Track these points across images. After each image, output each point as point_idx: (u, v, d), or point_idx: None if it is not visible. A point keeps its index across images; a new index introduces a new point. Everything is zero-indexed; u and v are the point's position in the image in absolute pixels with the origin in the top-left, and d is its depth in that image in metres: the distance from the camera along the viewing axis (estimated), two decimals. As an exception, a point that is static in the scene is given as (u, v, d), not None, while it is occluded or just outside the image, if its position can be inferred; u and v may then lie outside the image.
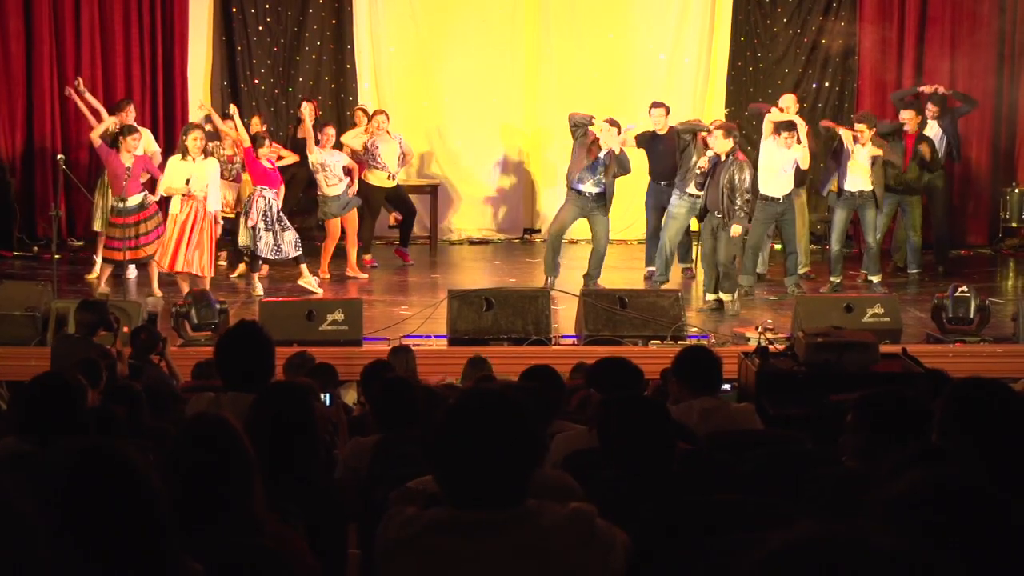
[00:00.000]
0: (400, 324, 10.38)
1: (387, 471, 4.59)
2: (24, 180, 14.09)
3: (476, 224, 15.37)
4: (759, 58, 15.24)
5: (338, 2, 14.83)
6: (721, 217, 10.99)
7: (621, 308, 9.98)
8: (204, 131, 11.54)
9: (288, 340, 8.87)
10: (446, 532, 2.70)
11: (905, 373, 7.47)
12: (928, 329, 10.34)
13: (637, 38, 15.19)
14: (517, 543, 2.68)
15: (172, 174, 11.20)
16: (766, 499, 3.90)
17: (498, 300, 9.95)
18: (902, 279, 12.86)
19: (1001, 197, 14.62)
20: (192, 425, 3.27)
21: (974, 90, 14.36)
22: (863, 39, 14.89)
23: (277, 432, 3.81)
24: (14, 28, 13.89)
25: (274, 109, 14.74)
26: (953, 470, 2.35)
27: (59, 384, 4.42)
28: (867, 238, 12.18)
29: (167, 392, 6.66)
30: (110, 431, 4.61)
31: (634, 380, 5.48)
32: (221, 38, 14.71)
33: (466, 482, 2.73)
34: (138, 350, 8.02)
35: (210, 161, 11.36)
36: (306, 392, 4.17)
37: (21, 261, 13.45)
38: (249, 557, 2.89)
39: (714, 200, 11.04)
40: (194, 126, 11.67)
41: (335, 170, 12.36)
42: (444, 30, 15.04)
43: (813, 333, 7.89)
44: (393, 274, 13.16)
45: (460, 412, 2.78)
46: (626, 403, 4.19)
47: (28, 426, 4.28)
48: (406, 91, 15.10)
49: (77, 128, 13.91)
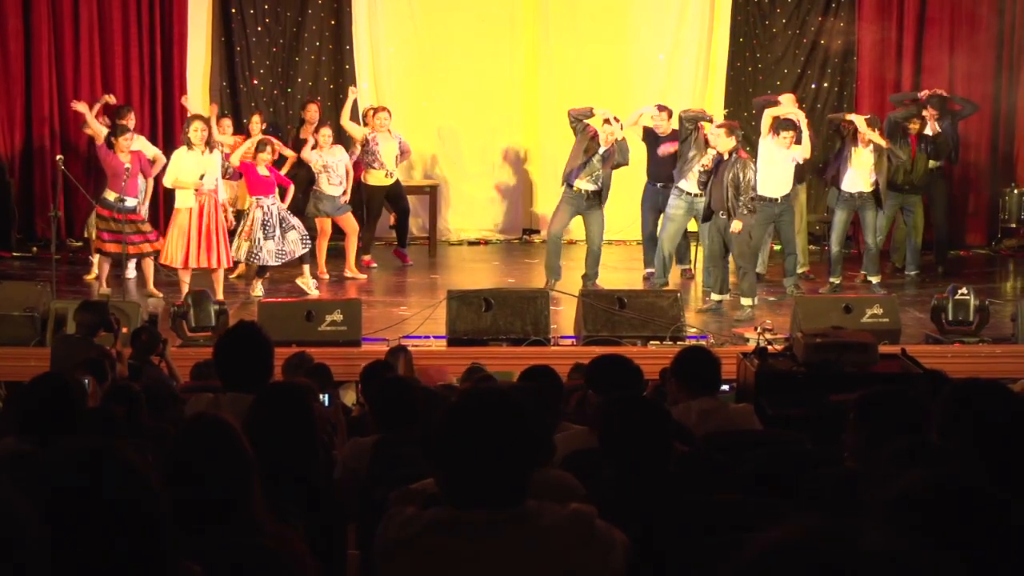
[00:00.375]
0: (399, 325, 10.38)
1: (386, 471, 4.59)
2: (23, 181, 14.09)
3: (475, 225, 15.36)
4: (758, 58, 15.24)
5: (337, 2, 14.83)
6: (725, 216, 10.96)
7: (620, 309, 9.99)
8: (205, 121, 11.49)
9: (287, 341, 8.87)
10: (446, 532, 2.70)
11: (904, 374, 7.46)
12: (927, 330, 10.34)
13: (636, 38, 15.18)
14: (517, 544, 2.68)
15: (179, 166, 11.14)
16: (766, 499, 3.91)
17: (497, 301, 9.95)
18: (901, 280, 12.87)
19: (1000, 198, 14.62)
20: (191, 426, 3.27)
21: (973, 91, 14.37)
22: (862, 39, 14.90)
23: (276, 432, 3.80)
24: (13, 28, 13.88)
25: (273, 109, 14.74)
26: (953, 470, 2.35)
27: (58, 385, 4.42)
28: (867, 239, 12.19)
29: (166, 393, 6.65)
30: (109, 431, 4.61)
31: (634, 379, 5.47)
32: (220, 38, 14.70)
33: (466, 482, 2.73)
34: (138, 351, 8.02)
35: (216, 153, 11.33)
36: (305, 392, 4.17)
37: (20, 262, 13.45)
38: (249, 558, 2.89)
39: (719, 199, 11.01)
40: (195, 117, 11.63)
41: (337, 170, 12.39)
42: (443, 30, 15.03)
43: (812, 333, 7.89)
44: (392, 275, 13.16)
45: (460, 412, 2.78)
46: (627, 404, 4.18)
47: (27, 426, 4.28)
48: (405, 91, 15.10)
49: (76, 128, 13.91)
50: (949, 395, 3.46)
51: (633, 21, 15.15)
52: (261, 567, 2.89)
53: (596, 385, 5.48)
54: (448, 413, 2.79)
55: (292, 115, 14.53)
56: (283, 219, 11.67)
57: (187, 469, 3.00)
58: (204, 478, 2.99)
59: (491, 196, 15.36)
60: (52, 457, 2.50)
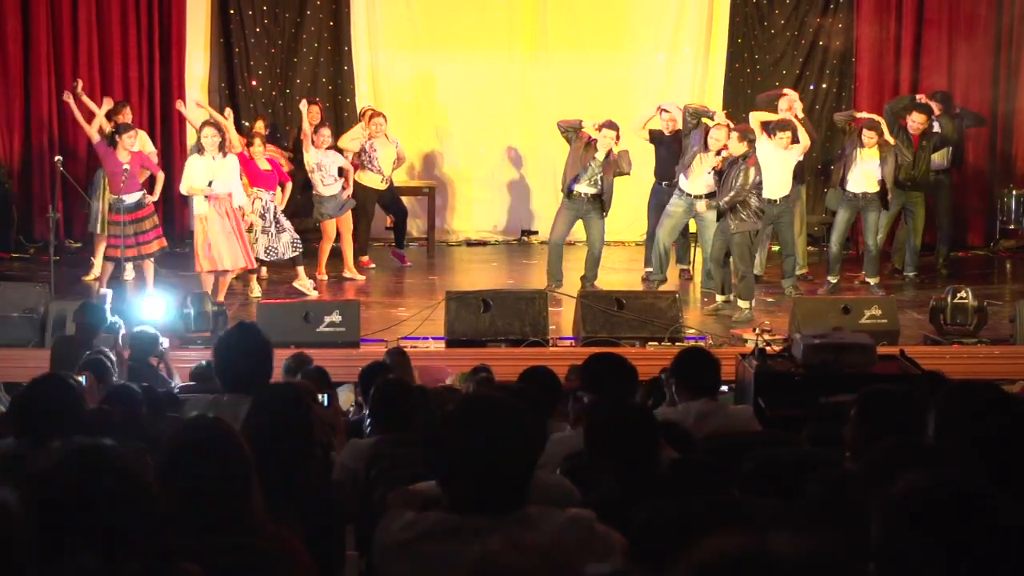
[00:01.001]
0: (398, 326, 10.38)
1: (385, 473, 4.60)
2: (22, 182, 14.09)
3: (474, 226, 15.36)
4: (757, 59, 15.24)
5: (336, 4, 14.83)
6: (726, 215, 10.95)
7: (619, 309, 9.99)
8: (218, 128, 11.46)
9: (285, 342, 8.87)
10: (446, 536, 2.70)
11: (903, 375, 7.47)
12: (926, 331, 10.34)
13: (635, 39, 15.19)
14: None
15: (193, 172, 11.14)
16: (764, 500, 3.91)
17: (496, 302, 9.95)
18: (900, 281, 12.85)
19: (999, 199, 14.62)
20: (190, 428, 3.27)
21: (971, 91, 14.37)
22: (861, 40, 14.90)
23: (274, 434, 3.80)
24: (12, 29, 13.88)
25: (272, 111, 14.74)
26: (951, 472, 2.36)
27: (56, 386, 4.42)
28: (867, 240, 12.17)
29: (165, 394, 6.65)
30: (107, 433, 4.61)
31: (628, 377, 5.42)
32: (219, 40, 14.71)
33: (468, 488, 2.73)
34: (137, 352, 8.02)
35: (230, 158, 11.30)
36: (302, 393, 4.17)
37: (19, 263, 13.44)
38: (247, 559, 2.89)
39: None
40: (208, 123, 11.63)
41: (330, 170, 12.36)
42: (442, 32, 15.03)
43: (810, 335, 7.89)
44: (390, 276, 13.16)
45: (462, 417, 2.78)
46: (610, 409, 4.19)
47: (26, 428, 4.28)
48: (404, 93, 15.11)
49: (75, 130, 13.90)
50: (945, 397, 3.46)
51: (632, 22, 15.15)
52: (259, 568, 2.89)
53: (591, 383, 5.41)
54: (449, 419, 2.79)
55: (291, 116, 14.53)
56: (278, 219, 11.68)
57: (185, 471, 3.00)
58: (202, 480, 2.99)
59: (490, 197, 15.36)
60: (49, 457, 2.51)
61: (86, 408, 4.75)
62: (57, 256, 11.55)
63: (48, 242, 11.51)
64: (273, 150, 12.51)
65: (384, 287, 12.65)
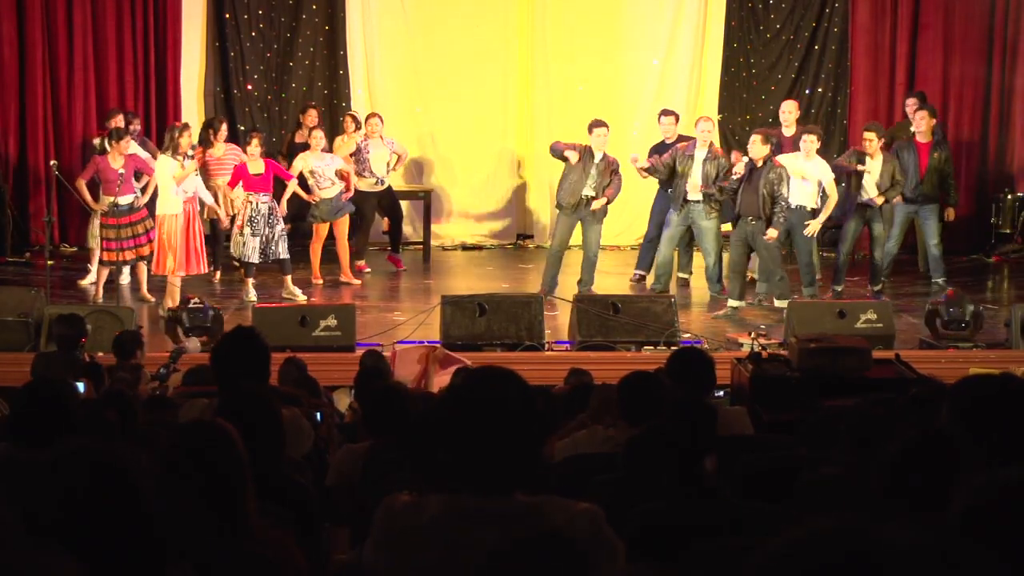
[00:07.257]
0: (393, 330, 10.38)
1: (379, 477, 4.60)
2: (17, 186, 14.08)
3: (469, 230, 15.36)
4: (752, 64, 15.26)
5: (331, 8, 14.84)
6: (757, 222, 10.89)
7: (614, 313, 9.99)
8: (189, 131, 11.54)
9: (281, 346, 8.85)
10: (452, 521, 2.67)
11: (898, 379, 7.47)
12: (921, 335, 10.34)
13: (630, 43, 15.20)
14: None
15: (164, 170, 11.15)
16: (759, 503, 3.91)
17: (491, 306, 9.95)
18: (900, 285, 12.73)
19: (994, 203, 14.63)
20: (188, 432, 3.27)
21: (965, 95, 14.38)
22: (856, 45, 14.92)
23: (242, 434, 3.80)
24: (7, 33, 13.88)
25: (267, 115, 14.75)
26: None
27: (52, 391, 4.41)
28: (874, 252, 12.07)
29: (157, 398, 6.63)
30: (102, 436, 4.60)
31: (708, 370, 5.59)
32: (214, 43, 14.71)
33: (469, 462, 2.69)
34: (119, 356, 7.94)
35: (191, 162, 11.33)
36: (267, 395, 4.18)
37: (14, 267, 13.42)
38: (242, 562, 2.89)
39: (750, 205, 10.92)
40: (188, 126, 11.64)
41: (327, 173, 12.34)
42: (437, 36, 15.04)
43: (806, 338, 7.90)
44: (386, 280, 13.15)
45: (467, 389, 2.77)
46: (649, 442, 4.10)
47: (21, 432, 4.27)
48: (399, 97, 15.11)
49: (70, 134, 13.92)
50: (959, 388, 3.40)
51: (627, 26, 15.17)
52: (255, 571, 2.89)
53: (676, 375, 5.52)
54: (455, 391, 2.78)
55: (287, 120, 14.53)
56: (271, 223, 11.64)
57: (182, 475, 3.00)
58: (200, 483, 2.99)
59: (485, 201, 15.36)
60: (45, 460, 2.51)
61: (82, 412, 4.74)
62: (52, 260, 11.54)
63: (43, 246, 11.51)
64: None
65: (380, 291, 12.64)
